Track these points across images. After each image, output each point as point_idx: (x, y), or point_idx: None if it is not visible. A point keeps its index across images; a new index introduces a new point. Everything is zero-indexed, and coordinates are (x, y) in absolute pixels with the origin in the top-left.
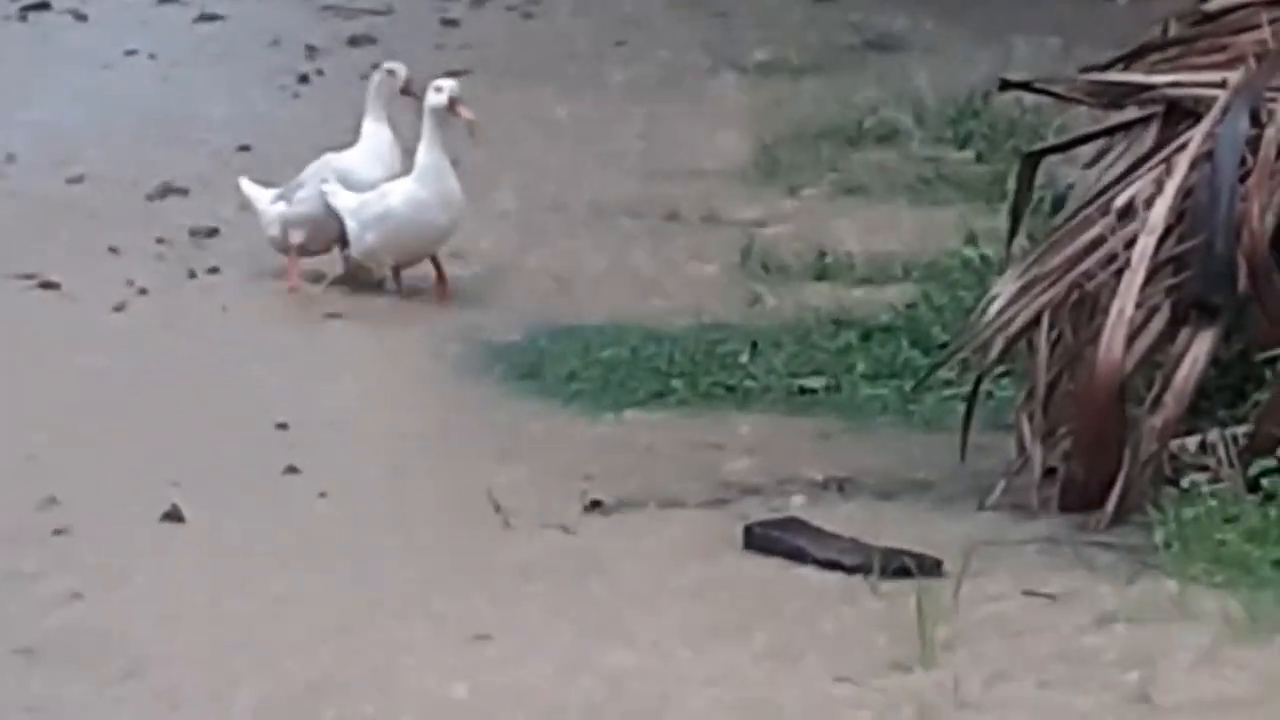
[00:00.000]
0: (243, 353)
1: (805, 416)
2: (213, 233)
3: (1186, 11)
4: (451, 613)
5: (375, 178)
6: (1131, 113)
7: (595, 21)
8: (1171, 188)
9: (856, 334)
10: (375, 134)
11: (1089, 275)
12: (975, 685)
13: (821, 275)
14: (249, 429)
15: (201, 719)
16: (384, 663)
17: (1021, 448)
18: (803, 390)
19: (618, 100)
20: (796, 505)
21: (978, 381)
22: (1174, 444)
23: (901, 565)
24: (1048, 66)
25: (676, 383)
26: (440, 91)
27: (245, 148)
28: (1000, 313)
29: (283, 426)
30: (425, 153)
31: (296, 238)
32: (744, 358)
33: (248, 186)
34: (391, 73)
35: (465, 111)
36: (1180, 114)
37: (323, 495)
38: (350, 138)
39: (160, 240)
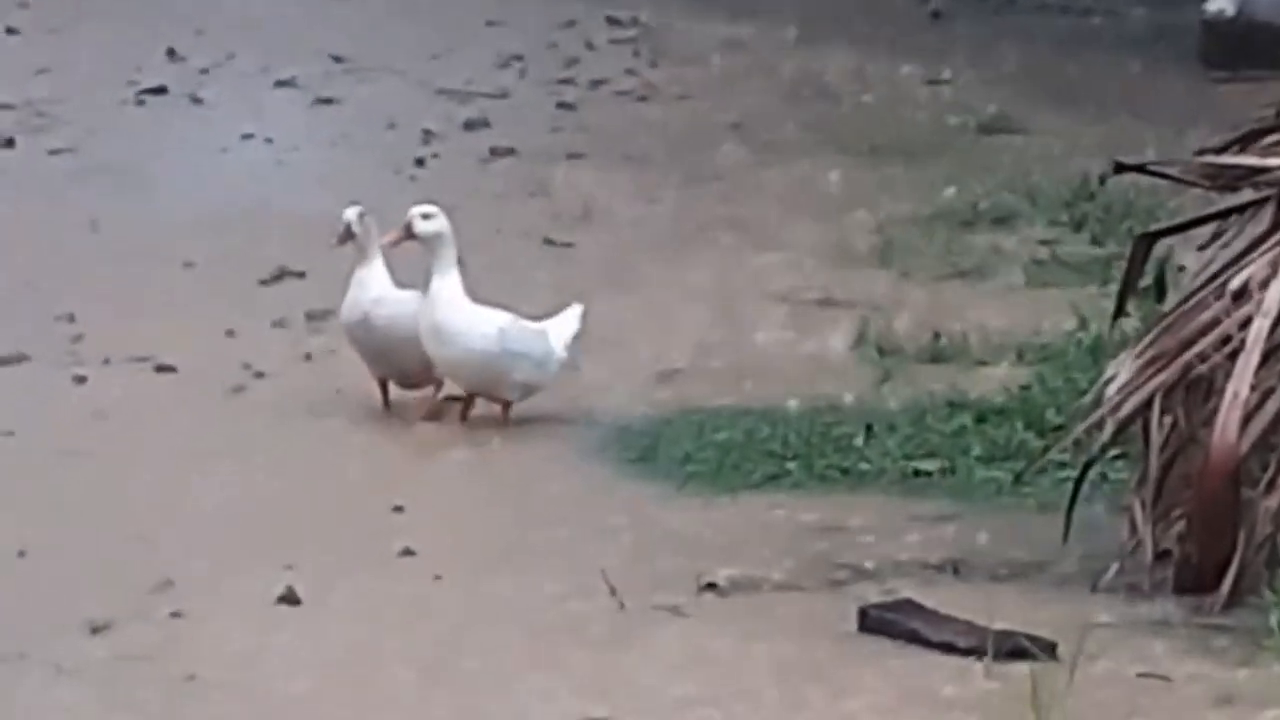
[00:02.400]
0: (359, 435)
1: (920, 499)
2: (328, 315)
3: None
4: (566, 694)
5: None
6: (1246, 195)
7: (709, 106)
8: None
9: (971, 416)
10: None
11: (1203, 357)
12: None
13: (936, 358)
14: (365, 511)
15: None
16: None
17: (1134, 530)
18: (917, 473)
19: (731, 184)
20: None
21: (1087, 464)
22: None
23: (1016, 647)
24: (1161, 149)
25: (791, 465)
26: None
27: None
28: (1113, 395)
29: (398, 509)
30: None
31: None
32: (859, 440)
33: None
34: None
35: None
36: None
37: (438, 578)
38: (463, 222)
39: (276, 323)
